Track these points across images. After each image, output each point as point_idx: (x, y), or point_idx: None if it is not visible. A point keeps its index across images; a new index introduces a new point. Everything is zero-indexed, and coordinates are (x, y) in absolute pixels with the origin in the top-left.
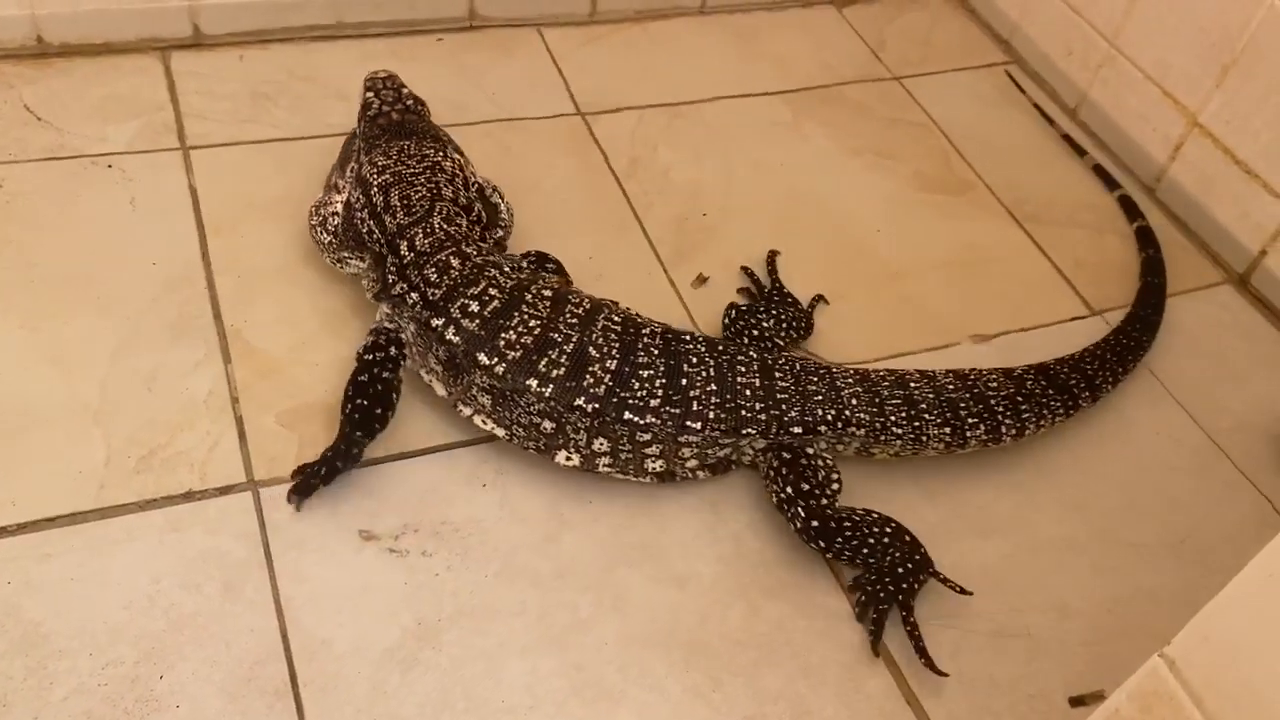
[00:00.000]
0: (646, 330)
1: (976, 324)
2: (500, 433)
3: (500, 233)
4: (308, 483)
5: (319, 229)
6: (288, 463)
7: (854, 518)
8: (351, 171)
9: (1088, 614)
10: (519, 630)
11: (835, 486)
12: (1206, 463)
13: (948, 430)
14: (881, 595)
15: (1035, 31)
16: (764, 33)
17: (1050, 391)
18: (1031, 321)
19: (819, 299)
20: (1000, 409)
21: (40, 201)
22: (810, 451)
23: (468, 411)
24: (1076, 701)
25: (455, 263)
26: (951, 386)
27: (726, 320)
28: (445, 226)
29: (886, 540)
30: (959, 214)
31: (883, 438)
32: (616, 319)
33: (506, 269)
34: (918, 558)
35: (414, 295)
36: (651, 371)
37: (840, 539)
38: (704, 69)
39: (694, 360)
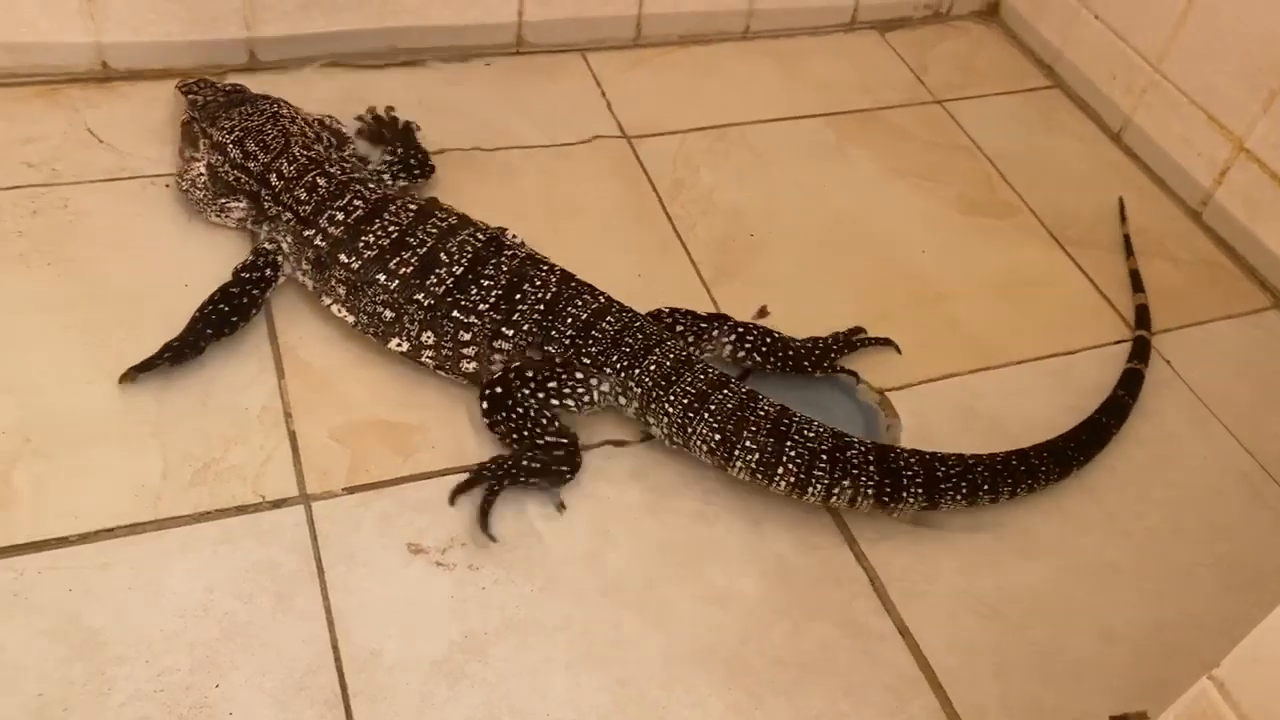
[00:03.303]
0: (534, 263)
1: (1020, 347)
2: (350, 319)
3: (351, 147)
4: (151, 363)
5: (191, 190)
6: (339, 477)
7: (531, 412)
8: (203, 145)
9: (1133, 638)
10: (563, 645)
11: (554, 400)
12: (1254, 488)
13: (717, 438)
14: (491, 469)
15: (1078, 56)
16: (807, 57)
17: (859, 469)
18: (1075, 345)
19: (858, 335)
20: (792, 454)
21: (102, 221)
22: (579, 376)
23: (328, 301)
24: None
25: (321, 182)
26: (762, 414)
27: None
28: (305, 153)
29: (540, 444)
30: (1002, 237)
31: (653, 407)
32: (481, 237)
33: (372, 184)
34: (554, 469)
35: (288, 214)
36: (492, 284)
37: (503, 413)
38: (747, 92)
39: (537, 284)
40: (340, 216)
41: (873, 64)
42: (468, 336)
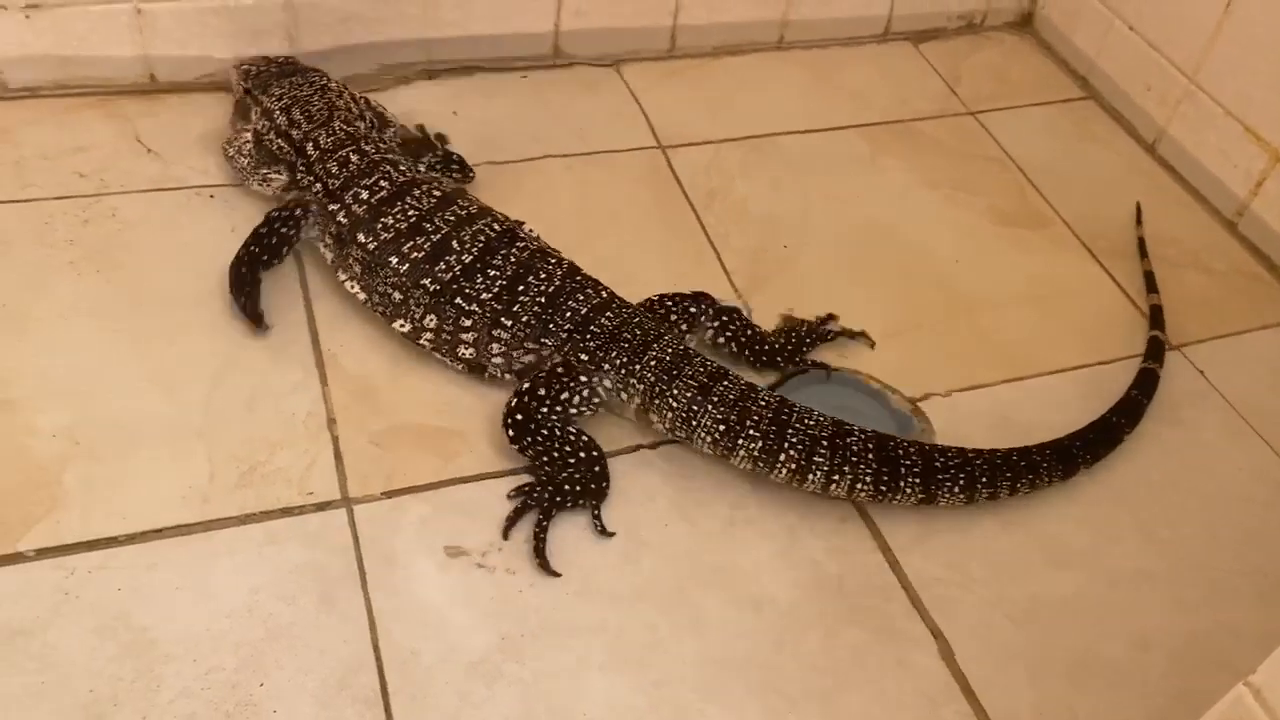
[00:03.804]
0: (542, 256)
1: (1053, 357)
2: (361, 296)
3: (392, 130)
4: (245, 308)
5: (236, 157)
6: (380, 481)
7: (557, 430)
8: (254, 114)
9: (1168, 646)
10: (599, 647)
11: (572, 410)
12: None
13: (722, 428)
14: (534, 495)
15: (1113, 67)
16: (840, 68)
17: (858, 457)
18: (1108, 355)
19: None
20: (794, 441)
21: (149, 229)
22: (583, 379)
23: (343, 277)
24: None
25: (354, 158)
26: (763, 403)
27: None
28: (345, 128)
29: (573, 462)
30: (1035, 247)
31: (657, 403)
32: (496, 228)
33: (403, 166)
34: (592, 486)
35: (317, 185)
36: (498, 274)
37: (529, 438)
38: (781, 103)
39: (542, 276)
40: (365, 195)
41: (906, 75)
42: (468, 323)
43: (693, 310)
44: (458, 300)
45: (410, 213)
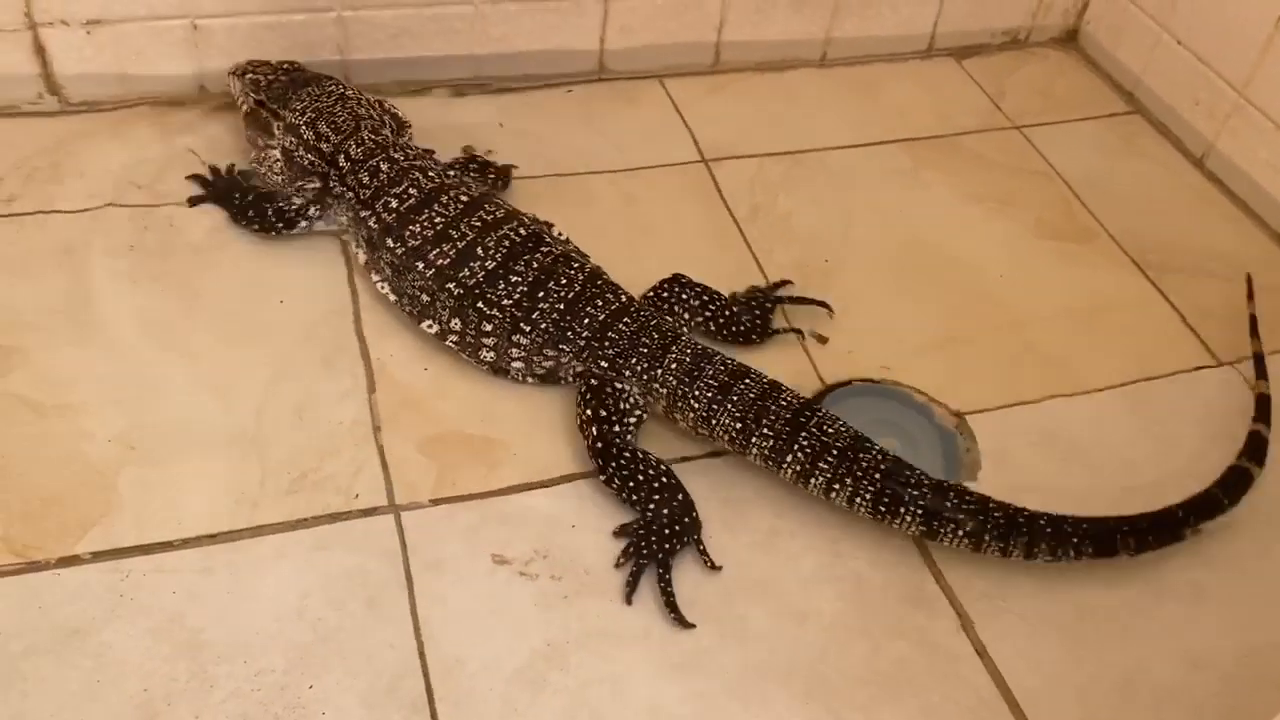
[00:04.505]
0: (566, 261)
1: (1100, 372)
2: (392, 297)
3: (410, 133)
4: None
5: (268, 174)
6: (427, 489)
7: (638, 454)
8: (278, 129)
9: (1220, 665)
10: (642, 656)
11: (632, 422)
12: None
13: (738, 427)
14: (644, 550)
15: (1160, 82)
16: (883, 84)
17: (864, 473)
18: (1156, 371)
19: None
20: (805, 445)
21: (203, 239)
22: (619, 386)
23: (376, 278)
24: None
25: (384, 167)
26: (784, 404)
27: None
28: (373, 137)
29: (658, 486)
30: (1082, 262)
31: (680, 405)
32: (522, 233)
33: (431, 173)
34: (687, 521)
35: (350, 194)
36: (520, 280)
37: (615, 464)
38: (824, 118)
39: (563, 281)
40: (394, 204)
41: (950, 90)
42: (489, 328)
43: (686, 298)
44: (480, 305)
45: (437, 220)
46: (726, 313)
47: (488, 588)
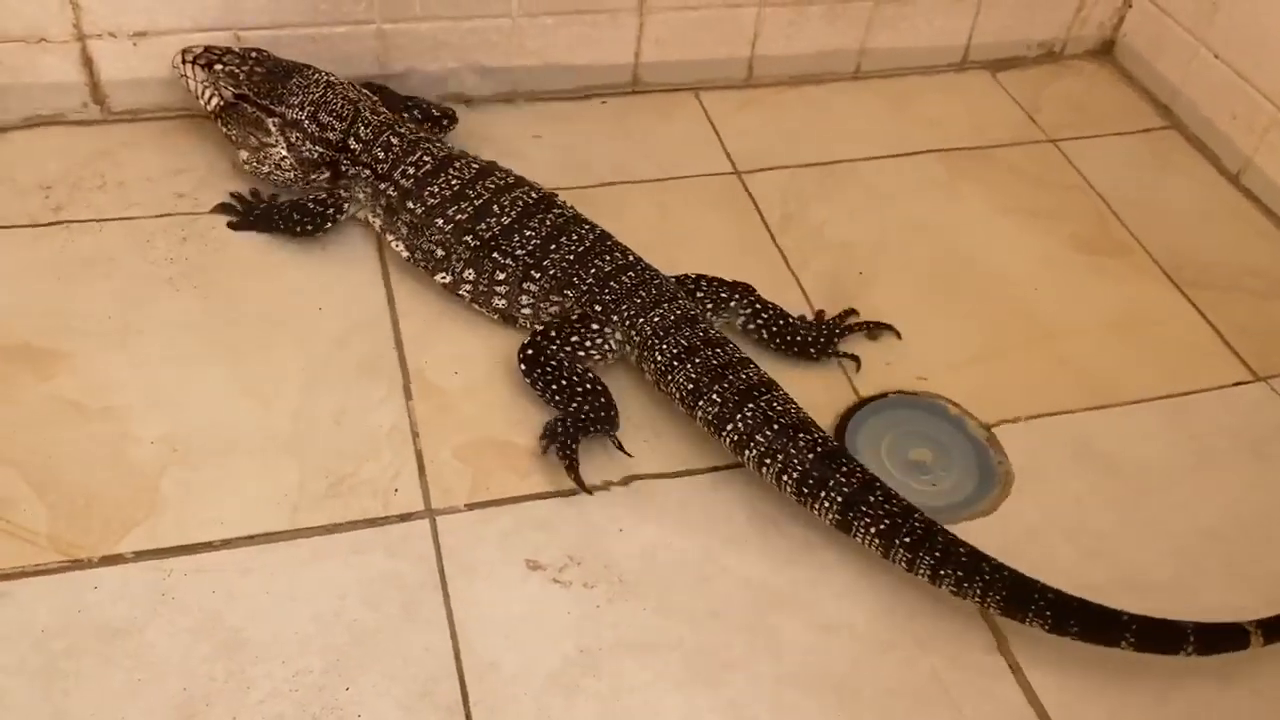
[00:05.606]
0: (577, 222)
1: (1134, 386)
2: (405, 254)
3: (385, 106)
4: (242, 212)
5: (276, 173)
6: (462, 494)
7: (565, 366)
8: (274, 125)
9: (1256, 686)
10: (675, 665)
11: (581, 354)
12: None
13: (690, 387)
14: (559, 431)
15: (1197, 96)
16: (917, 96)
17: (797, 455)
18: (1191, 385)
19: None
20: (748, 416)
21: (242, 247)
22: (596, 327)
23: (391, 238)
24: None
25: (394, 141)
26: (743, 377)
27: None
28: (374, 116)
29: (580, 392)
30: (1117, 276)
31: (646, 355)
32: (535, 195)
33: (436, 144)
34: (605, 415)
35: (366, 171)
36: (534, 234)
37: (540, 370)
38: (857, 130)
39: (574, 239)
40: (411, 171)
41: (984, 103)
42: (502, 276)
43: (723, 294)
44: (495, 255)
45: (454, 182)
46: (781, 322)
47: (522, 593)
